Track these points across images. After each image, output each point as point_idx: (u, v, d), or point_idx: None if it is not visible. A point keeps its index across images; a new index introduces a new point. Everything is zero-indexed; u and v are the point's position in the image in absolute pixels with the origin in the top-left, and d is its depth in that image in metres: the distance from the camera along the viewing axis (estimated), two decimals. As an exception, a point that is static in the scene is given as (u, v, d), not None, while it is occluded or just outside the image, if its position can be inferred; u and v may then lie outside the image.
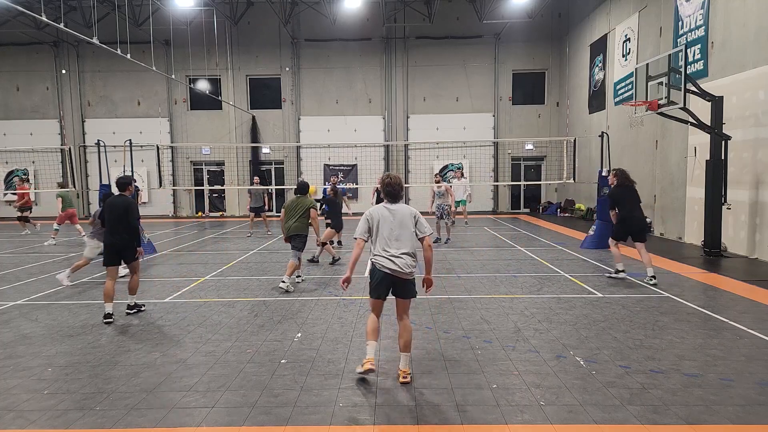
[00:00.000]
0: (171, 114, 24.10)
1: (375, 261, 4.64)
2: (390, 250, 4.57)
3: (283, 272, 9.40)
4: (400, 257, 4.55)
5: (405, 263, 4.57)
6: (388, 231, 4.62)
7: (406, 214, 4.67)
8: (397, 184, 4.73)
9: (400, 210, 4.68)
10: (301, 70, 23.80)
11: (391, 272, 4.56)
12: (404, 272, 4.57)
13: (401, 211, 4.67)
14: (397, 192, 4.73)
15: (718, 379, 4.52)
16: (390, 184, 4.72)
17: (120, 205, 6.70)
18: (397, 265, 4.55)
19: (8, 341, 5.88)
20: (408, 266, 4.59)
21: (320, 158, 23.55)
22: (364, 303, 7.32)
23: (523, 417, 3.89)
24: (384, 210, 4.70)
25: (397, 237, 4.59)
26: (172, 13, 20.25)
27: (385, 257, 4.58)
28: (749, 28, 10.64)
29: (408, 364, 4.60)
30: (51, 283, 9.10)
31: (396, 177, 4.80)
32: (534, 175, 24.18)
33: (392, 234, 4.61)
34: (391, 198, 4.74)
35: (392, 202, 4.74)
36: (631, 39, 16.04)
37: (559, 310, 6.82)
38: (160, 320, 6.64)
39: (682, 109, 10.29)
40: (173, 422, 3.91)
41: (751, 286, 8.04)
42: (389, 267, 4.56)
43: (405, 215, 4.66)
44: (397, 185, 4.73)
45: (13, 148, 22.73)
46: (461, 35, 23.29)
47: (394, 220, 4.64)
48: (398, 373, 4.60)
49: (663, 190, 14.35)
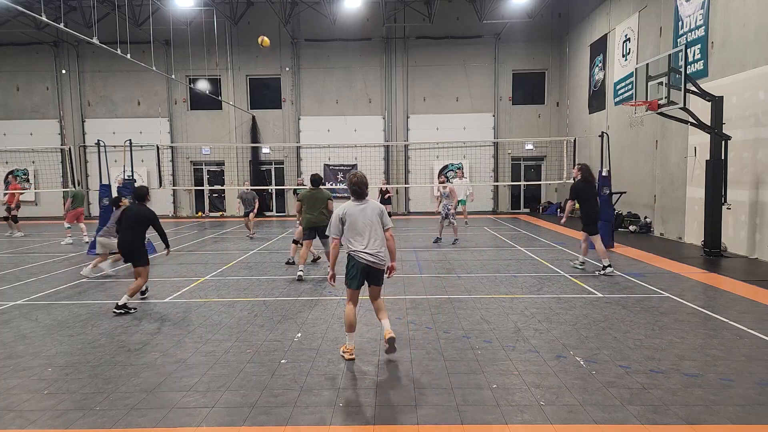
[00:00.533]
0: (171, 114, 24.10)
1: (354, 255, 5.04)
2: (366, 243, 5.01)
3: (283, 272, 9.44)
4: (376, 249, 5.03)
5: (381, 255, 5.07)
6: (362, 226, 5.02)
7: (375, 210, 5.11)
8: (362, 183, 5.10)
9: (368, 206, 5.09)
10: (301, 70, 23.81)
11: (369, 263, 5.03)
12: (380, 263, 5.08)
13: (369, 207, 5.09)
14: (363, 190, 5.11)
15: (718, 379, 4.52)
16: (356, 183, 5.08)
17: (135, 215, 7.42)
18: (375, 257, 5.04)
19: (8, 341, 5.88)
20: (383, 258, 5.09)
21: (320, 158, 23.54)
22: (364, 303, 7.30)
23: (523, 417, 3.89)
24: (354, 208, 5.07)
25: (370, 231, 5.01)
26: (172, 13, 20.26)
27: (362, 251, 5.01)
28: (749, 28, 10.64)
29: (389, 325, 5.11)
30: (51, 283, 9.11)
31: (361, 176, 5.15)
32: (534, 175, 24.18)
33: (365, 229, 5.02)
34: (357, 196, 5.11)
35: (359, 199, 5.12)
36: (631, 39, 16.04)
37: (559, 310, 6.82)
38: (160, 320, 6.64)
39: (682, 109, 10.29)
40: (173, 422, 3.91)
41: (751, 286, 8.04)
42: (368, 259, 5.02)
43: (374, 211, 5.09)
44: (363, 184, 5.10)
45: (13, 148, 22.74)
46: (461, 35, 23.29)
47: (364, 216, 5.04)
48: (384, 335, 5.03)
49: (663, 190, 14.35)
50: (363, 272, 5.07)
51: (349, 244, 5.09)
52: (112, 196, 12.78)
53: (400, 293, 7.93)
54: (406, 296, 7.73)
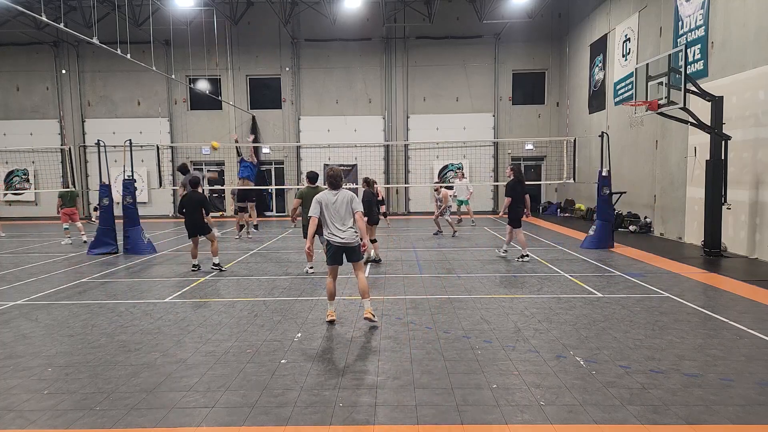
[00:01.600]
0: (171, 114, 24.09)
1: (328, 238, 6.10)
2: (337, 226, 6.05)
3: (283, 272, 9.46)
4: (346, 231, 6.05)
5: (350, 235, 6.08)
6: (335, 211, 6.07)
7: (346, 197, 6.12)
8: (338, 175, 6.22)
9: (340, 195, 6.12)
10: (301, 70, 23.80)
11: (341, 244, 6.09)
12: (351, 241, 6.09)
13: (341, 195, 6.12)
14: (338, 182, 6.20)
15: (718, 379, 4.52)
16: (332, 176, 6.18)
17: (196, 200, 9.92)
18: (345, 238, 6.07)
19: (8, 341, 5.88)
20: (352, 237, 6.10)
21: (320, 158, 23.51)
22: (364, 302, 7.31)
23: (523, 417, 3.89)
24: (330, 196, 6.12)
25: (341, 216, 6.06)
26: (172, 13, 20.24)
27: (334, 234, 6.07)
28: (749, 28, 10.64)
29: (370, 306, 6.17)
30: (51, 282, 9.11)
31: (337, 170, 6.29)
32: (534, 175, 24.17)
33: (338, 214, 6.07)
34: (333, 186, 6.18)
35: (334, 189, 6.17)
36: (631, 39, 16.04)
37: (559, 310, 6.82)
38: (160, 320, 6.64)
39: (682, 109, 10.29)
40: (173, 422, 3.91)
41: (751, 286, 8.04)
42: (339, 240, 6.07)
43: (344, 198, 6.10)
44: (338, 176, 6.22)
45: (13, 148, 22.74)
46: (461, 35, 23.28)
47: (337, 203, 6.08)
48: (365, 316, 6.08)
49: (663, 190, 14.35)
50: (338, 252, 6.13)
51: (325, 230, 6.14)
52: (112, 196, 12.83)
53: (400, 293, 7.93)
54: (406, 296, 7.73)
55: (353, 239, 6.08)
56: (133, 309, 7.22)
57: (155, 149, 16.86)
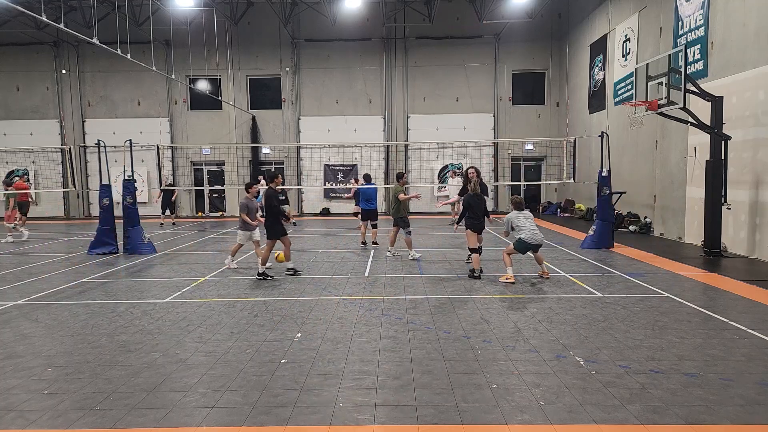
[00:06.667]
0: (171, 114, 24.09)
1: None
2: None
3: (283, 272, 9.47)
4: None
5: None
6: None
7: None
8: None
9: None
10: (301, 70, 23.80)
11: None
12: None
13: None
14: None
15: (718, 379, 4.52)
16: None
17: (264, 196, 9.44)
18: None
19: (8, 341, 5.88)
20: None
21: (320, 158, 23.55)
22: (364, 303, 7.33)
23: (523, 417, 3.89)
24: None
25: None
26: (172, 13, 20.25)
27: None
28: (749, 28, 10.63)
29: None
30: (51, 282, 9.11)
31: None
32: (534, 175, 24.17)
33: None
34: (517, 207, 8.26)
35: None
36: (631, 39, 16.04)
37: (559, 310, 6.82)
38: (160, 320, 6.64)
39: (682, 109, 10.29)
40: (173, 422, 3.91)
41: (751, 286, 8.04)
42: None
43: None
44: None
45: (13, 148, 22.72)
46: (461, 35, 23.28)
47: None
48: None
49: (663, 190, 14.35)
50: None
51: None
52: (112, 196, 12.82)
53: (400, 293, 7.93)
54: (406, 296, 7.74)
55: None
56: (133, 309, 7.22)
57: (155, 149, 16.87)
